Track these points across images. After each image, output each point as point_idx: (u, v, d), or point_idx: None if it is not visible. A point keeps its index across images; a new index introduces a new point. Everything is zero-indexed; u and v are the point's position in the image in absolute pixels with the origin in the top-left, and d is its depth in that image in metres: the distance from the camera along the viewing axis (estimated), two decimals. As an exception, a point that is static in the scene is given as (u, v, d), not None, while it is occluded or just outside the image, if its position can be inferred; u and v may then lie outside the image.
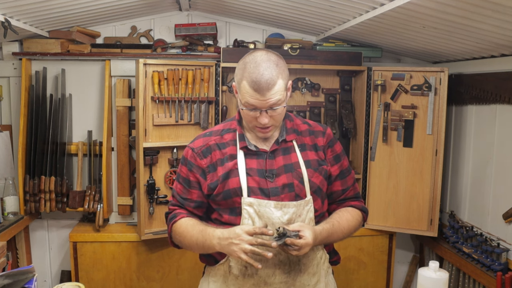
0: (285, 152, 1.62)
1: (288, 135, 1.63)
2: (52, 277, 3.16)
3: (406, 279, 3.35)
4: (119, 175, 2.97)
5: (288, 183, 1.58)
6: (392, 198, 2.87)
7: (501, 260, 2.34)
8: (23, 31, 2.48)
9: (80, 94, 2.99)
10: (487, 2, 1.63)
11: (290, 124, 1.66)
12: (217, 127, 1.70)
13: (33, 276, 1.53)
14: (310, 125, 1.71)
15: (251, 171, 1.58)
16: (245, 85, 1.48)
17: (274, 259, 1.56)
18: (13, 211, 2.76)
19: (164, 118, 2.75)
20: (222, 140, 1.63)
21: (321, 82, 3.04)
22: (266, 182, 1.57)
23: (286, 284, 1.59)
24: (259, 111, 1.50)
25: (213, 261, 1.65)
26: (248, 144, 1.60)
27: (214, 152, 1.62)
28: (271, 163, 1.59)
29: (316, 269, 1.64)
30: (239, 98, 1.54)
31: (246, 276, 1.59)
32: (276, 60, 1.50)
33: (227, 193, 1.58)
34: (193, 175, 1.63)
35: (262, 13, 2.75)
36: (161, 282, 2.89)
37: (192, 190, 1.64)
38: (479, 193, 2.66)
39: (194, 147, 1.64)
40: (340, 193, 1.70)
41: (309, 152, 1.64)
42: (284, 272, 1.58)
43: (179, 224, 1.61)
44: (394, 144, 2.85)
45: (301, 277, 1.61)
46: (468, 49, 2.45)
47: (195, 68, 2.76)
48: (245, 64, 1.50)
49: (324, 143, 1.67)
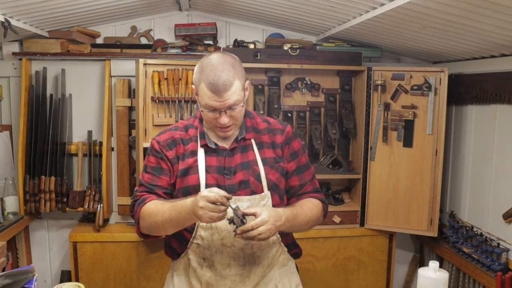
0: (243, 150, 1.67)
1: (247, 133, 1.69)
2: (52, 277, 3.16)
3: (406, 279, 3.35)
4: (119, 175, 2.97)
5: (244, 180, 1.63)
6: (392, 198, 2.87)
7: (501, 260, 2.34)
8: (23, 31, 2.48)
9: (80, 94, 3.00)
10: (487, 2, 1.63)
11: (250, 122, 1.71)
12: (182, 123, 1.75)
13: (33, 276, 1.53)
14: (270, 123, 1.76)
15: (210, 168, 1.63)
16: (203, 87, 1.54)
17: (229, 251, 1.62)
18: (13, 211, 2.76)
19: (164, 118, 2.75)
20: (186, 136, 1.69)
21: (321, 82, 3.04)
22: (223, 179, 1.62)
23: (241, 276, 1.65)
24: (218, 111, 1.55)
25: (175, 254, 1.71)
26: (208, 142, 1.66)
27: (178, 146, 1.67)
28: (229, 161, 1.65)
29: (271, 261, 1.69)
30: (199, 100, 1.59)
31: (204, 268, 1.65)
32: (232, 62, 1.56)
33: (186, 189, 1.62)
34: (164, 163, 1.66)
35: (262, 13, 2.75)
36: (161, 282, 2.87)
37: (163, 177, 1.66)
38: (479, 193, 2.66)
39: (160, 140, 1.69)
40: (298, 187, 1.74)
41: (266, 150, 1.69)
42: (239, 264, 1.64)
43: (148, 206, 1.59)
44: (394, 144, 2.85)
45: (256, 269, 1.66)
46: (468, 49, 2.45)
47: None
48: (202, 67, 1.56)
49: (282, 140, 1.73)
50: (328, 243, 2.92)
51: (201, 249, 1.64)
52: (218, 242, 1.62)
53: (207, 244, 1.63)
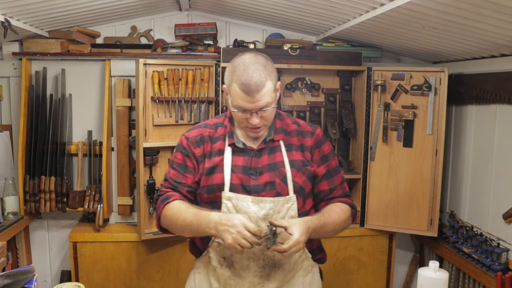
0: (271, 151, 1.66)
1: (276, 135, 1.67)
2: (52, 277, 3.16)
3: (406, 279, 3.35)
4: (119, 175, 2.97)
5: (270, 181, 1.62)
6: (392, 198, 2.87)
7: (501, 260, 2.34)
8: (23, 31, 2.48)
9: (80, 94, 3.00)
10: (487, 2, 1.63)
11: (280, 123, 1.70)
12: (212, 121, 1.75)
13: (33, 276, 1.53)
14: (300, 125, 1.74)
15: (236, 168, 1.63)
16: (235, 87, 1.52)
17: (248, 252, 1.61)
18: (13, 211, 2.76)
19: (164, 118, 2.75)
20: (215, 134, 1.69)
21: (321, 82, 3.04)
22: (249, 179, 1.62)
23: (260, 278, 1.64)
24: (249, 112, 1.54)
25: (198, 252, 1.72)
26: (236, 141, 1.65)
27: (206, 144, 1.67)
28: (256, 161, 1.64)
29: (293, 266, 1.67)
30: (230, 101, 1.58)
31: (223, 267, 1.65)
32: (264, 62, 1.54)
33: (210, 188, 1.63)
34: (190, 161, 1.67)
35: (262, 13, 2.75)
36: (161, 282, 2.89)
37: (187, 175, 1.67)
38: (479, 193, 2.66)
39: (189, 136, 1.70)
40: (328, 192, 1.73)
41: (294, 152, 1.68)
42: (258, 266, 1.63)
43: (172, 206, 1.62)
44: (394, 144, 2.85)
45: (276, 272, 1.65)
46: (468, 49, 2.45)
47: (195, 68, 2.76)
48: (234, 67, 1.55)
49: (312, 144, 1.70)
50: (328, 243, 2.91)
51: (221, 248, 1.64)
52: None
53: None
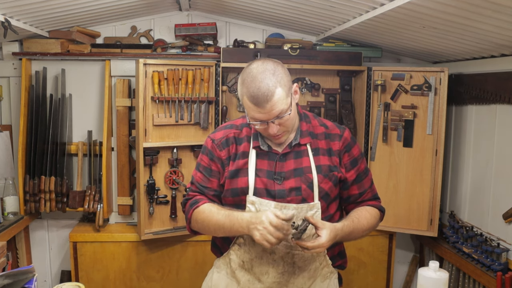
0: (297, 155, 1.62)
1: (302, 138, 1.63)
2: (52, 277, 3.16)
3: (406, 279, 3.35)
4: (119, 175, 2.97)
5: (296, 187, 1.59)
6: (392, 198, 2.87)
7: (501, 260, 2.34)
8: (23, 31, 2.48)
9: (80, 94, 2.99)
10: (487, 2, 1.63)
11: (306, 126, 1.65)
12: (238, 121, 1.72)
13: (33, 276, 1.53)
14: (328, 127, 1.68)
15: (260, 172, 1.60)
16: (246, 100, 1.49)
17: (268, 257, 1.59)
18: (13, 211, 2.76)
19: (164, 118, 2.75)
20: (240, 135, 1.65)
21: (321, 82, 3.04)
22: (273, 184, 1.59)
23: (279, 284, 1.62)
24: (265, 122, 1.50)
25: (219, 252, 1.71)
26: (261, 144, 1.62)
27: (231, 145, 1.64)
28: (281, 166, 1.60)
29: (313, 274, 1.65)
30: (246, 113, 1.56)
31: (243, 270, 1.63)
32: (272, 69, 1.49)
33: (235, 191, 1.61)
34: (215, 164, 1.65)
35: (262, 13, 2.75)
36: (161, 282, 2.89)
37: (213, 179, 1.66)
38: (479, 193, 2.66)
39: (215, 138, 1.67)
40: (357, 196, 1.70)
41: (321, 157, 1.63)
42: (277, 272, 1.61)
43: (202, 210, 1.61)
44: (394, 144, 2.85)
45: (295, 279, 1.63)
46: (468, 49, 2.45)
47: (195, 68, 2.76)
48: (243, 79, 1.51)
49: (340, 147, 1.65)
50: (328, 243, 2.92)
51: (242, 251, 1.64)
52: (259, 247, 1.59)
53: (248, 247, 1.62)
